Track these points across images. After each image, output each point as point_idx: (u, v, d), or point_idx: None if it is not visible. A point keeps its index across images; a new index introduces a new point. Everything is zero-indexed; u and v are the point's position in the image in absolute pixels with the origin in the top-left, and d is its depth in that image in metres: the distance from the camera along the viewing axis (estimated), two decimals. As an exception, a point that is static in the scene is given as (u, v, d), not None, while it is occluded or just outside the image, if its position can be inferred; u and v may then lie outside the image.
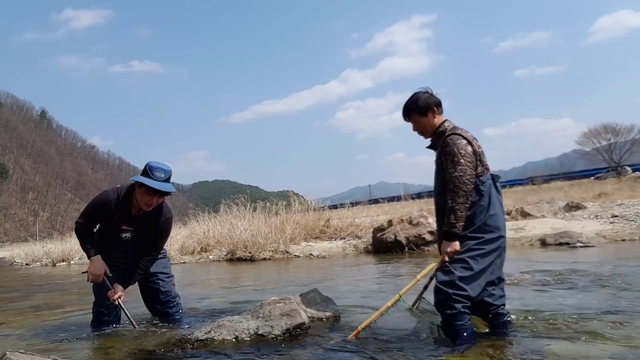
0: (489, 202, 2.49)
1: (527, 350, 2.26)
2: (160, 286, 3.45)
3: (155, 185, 2.98)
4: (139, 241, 3.28)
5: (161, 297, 3.46)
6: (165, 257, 3.60)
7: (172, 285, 3.55)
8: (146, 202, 3.06)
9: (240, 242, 9.45)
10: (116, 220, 3.17)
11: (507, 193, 20.79)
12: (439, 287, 2.44)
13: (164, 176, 3.04)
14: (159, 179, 3.01)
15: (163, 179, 3.03)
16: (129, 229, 3.22)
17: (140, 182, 3.01)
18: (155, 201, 3.08)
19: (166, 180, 3.05)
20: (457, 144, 2.47)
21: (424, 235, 8.22)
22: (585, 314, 2.90)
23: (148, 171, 3.02)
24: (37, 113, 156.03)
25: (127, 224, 3.21)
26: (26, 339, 3.27)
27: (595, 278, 4.18)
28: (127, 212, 3.17)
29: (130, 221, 3.20)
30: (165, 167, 3.07)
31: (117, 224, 3.18)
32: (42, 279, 9.83)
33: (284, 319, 2.79)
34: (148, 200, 3.05)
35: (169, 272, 3.55)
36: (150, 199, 3.04)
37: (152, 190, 3.00)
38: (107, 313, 3.28)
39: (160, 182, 3.01)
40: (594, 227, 8.42)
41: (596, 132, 38.50)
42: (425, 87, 2.71)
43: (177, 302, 3.57)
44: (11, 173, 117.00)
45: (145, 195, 3.04)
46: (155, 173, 3.02)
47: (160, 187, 3.00)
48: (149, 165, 3.04)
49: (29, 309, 4.95)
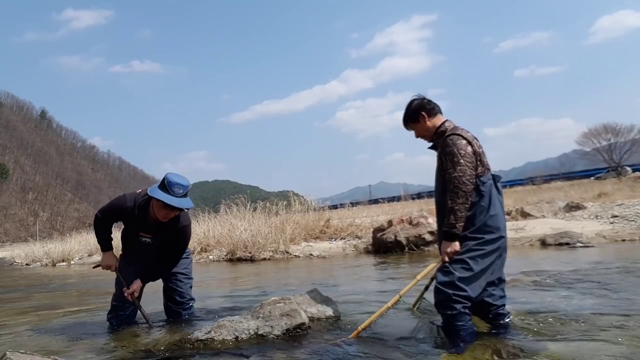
0: (489, 203, 2.49)
1: (527, 351, 2.26)
2: (178, 287, 3.50)
3: (173, 202, 2.98)
4: (159, 245, 3.31)
5: (177, 298, 3.51)
6: (189, 257, 3.63)
7: (190, 287, 3.59)
8: (163, 216, 3.09)
9: (240, 242, 9.45)
10: (134, 226, 3.23)
11: (507, 193, 20.78)
12: (439, 288, 2.44)
13: (182, 192, 3.03)
14: (177, 194, 3.00)
15: (181, 195, 3.02)
16: (148, 235, 3.26)
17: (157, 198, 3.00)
18: (172, 214, 3.10)
19: (184, 195, 3.05)
20: (457, 144, 2.47)
21: (424, 235, 8.22)
22: (585, 314, 2.90)
23: (167, 186, 3.00)
24: (37, 113, 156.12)
25: (145, 232, 3.24)
26: (26, 339, 3.27)
27: (595, 278, 4.18)
28: (144, 221, 3.19)
29: (148, 229, 3.23)
30: (184, 182, 3.04)
31: (135, 230, 3.24)
32: (42, 279, 9.83)
33: (284, 319, 2.79)
34: (165, 214, 3.08)
35: (188, 273, 3.59)
36: (167, 213, 3.07)
37: (170, 207, 3.02)
38: (122, 307, 3.34)
39: (178, 198, 3.00)
40: (594, 227, 8.42)
41: (596, 132, 38.52)
42: (419, 94, 2.75)
43: (191, 305, 3.61)
44: (11, 173, 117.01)
45: (162, 210, 3.05)
46: (174, 189, 3.00)
47: (177, 204, 3.00)
48: (167, 180, 3.01)
49: (29, 309, 4.95)
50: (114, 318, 3.38)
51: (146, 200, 3.17)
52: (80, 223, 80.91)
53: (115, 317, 3.37)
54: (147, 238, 3.27)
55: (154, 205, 3.09)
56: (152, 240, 3.28)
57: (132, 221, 3.22)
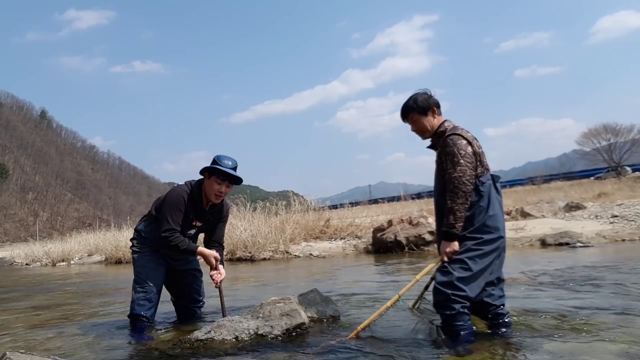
0: (489, 203, 2.49)
1: (527, 350, 2.27)
2: (195, 284, 3.46)
3: (227, 170, 3.04)
4: (197, 236, 3.36)
5: (195, 296, 3.47)
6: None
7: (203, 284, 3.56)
8: (216, 192, 3.10)
9: (240, 242, 9.45)
10: (189, 217, 3.17)
11: (507, 193, 20.79)
12: (438, 288, 2.44)
13: (231, 164, 3.10)
14: (227, 167, 3.06)
15: (231, 167, 3.09)
16: (198, 225, 3.25)
17: (211, 168, 3.06)
18: (224, 190, 3.12)
19: (234, 169, 3.11)
20: (458, 145, 2.47)
21: (424, 235, 8.22)
22: (585, 314, 2.90)
23: (217, 160, 3.08)
24: (37, 113, 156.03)
25: (199, 219, 3.23)
26: (26, 339, 3.27)
27: (595, 278, 4.18)
28: (199, 207, 3.19)
29: (201, 216, 3.23)
30: (233, 158, 3.14)
31: (189, 221, 3.18)
32: (42, 279, 9.83)
33: (284, 319, 2.79)
34: (218, 189, 3.09)
35: (201, 270, 3.54)
36: (220, 187, 3.08)
37: (224, 175, 3.05)
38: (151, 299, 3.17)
39: (230, 169, 3.08)
40: (594, 227, 8.42)
41: (596, 132, 38.49)
42: (424, 89, 2.71)
43: (204, 302, 3.57)
44: (11, 173, 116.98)
45: (215, 184, 3.07)
46: (224, 161, 3.08)
47: (232, 172, 3.07)
48: (217, 156, 3.11)
49: (29, 309, 4.95)
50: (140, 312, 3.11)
51: (197, 185, 3.18)
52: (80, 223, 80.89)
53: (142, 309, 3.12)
54: (192, 230, 3.24)
55: (207, 184, 3.12)
56: (195, 232, 3.29)
57: (189, 211, 3.14)
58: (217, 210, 3.30)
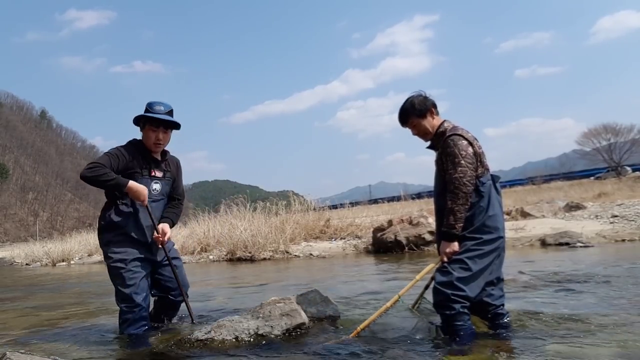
0: (488, 203, 2.49)
1: (527, 351, 2.27)
2: (177, 273, 3.15)
3: (159, 115, 2.90)
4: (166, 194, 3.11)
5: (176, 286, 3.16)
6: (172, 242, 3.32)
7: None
8: (154, 141, 2.94)
9: (240, 242, 9.45)
10: (145, 167, 2.95)
11: (507, 193, 20.79)
12: (438, 288, 2.45)
13: (164, 109, 2.95)
14: (159, 112, 2.93)
15: (165, 112, 2.95)
16: (159, 177, 3.04)
17: (143, 117, 2.92)
18: (161, 137, 2.96)
19: (168, 113, 2.96)
20: (458, 145, 2.47)
21: (424, 235, 8.22)
22: (585, 314, 2.90)
23: (148, 108, 2.94)
24: (37, 113, 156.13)
25: (157, 169, 3.03)
26: (26, 339, 3.27)
27: (595, 278, 4.18)
28: (150, 157, 3.01)
29: (157, 165, 3.04)
30: (164, 102, 2.98)
31: (148, 172, 2.96)
32: (42, 279, 9.83)
33: (284, 319, 2.79)
34: (155, 136, 2.93)
35: (180, 258, 3.38)
36: (156, 134, 2.93)
37: (157, 121, 2.91)
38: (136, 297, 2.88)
39: (163, 114, 2.94)
40: (594, 227, 8.42)
41: (596, 132, 38.50)
42: (419, 91, 2.70)
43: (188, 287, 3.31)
44: (11, 173, 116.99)
45: (150, 133, 2.93)
46: (156, 107, 2.93)
47: (164, 116, 2.92)
48: (148, 103, 2.96)
49: (29, 309, 4.95)
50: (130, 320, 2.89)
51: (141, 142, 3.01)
52: (80, 223, 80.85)
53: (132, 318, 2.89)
54: (156, 184, 3.01)
55: (144, 137, 2.97)
56: (161, 189, 3.05)
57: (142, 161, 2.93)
58: (174, 163, 3.19)
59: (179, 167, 3.27)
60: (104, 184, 2.75)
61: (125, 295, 2.90)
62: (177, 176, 3.21)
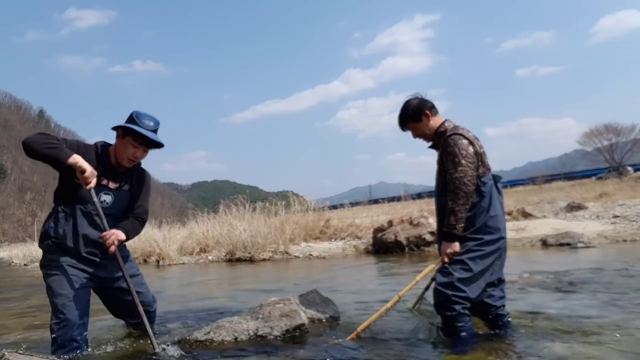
0: (490, 203, 2.47)
1: (527, 351, 2.25)
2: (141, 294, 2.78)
3: (147, 133, 2.53)
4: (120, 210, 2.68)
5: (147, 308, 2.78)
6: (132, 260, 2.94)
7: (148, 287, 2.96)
8: (130, 156, 2.57)
9: (240, 243, 9.43)
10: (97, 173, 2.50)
11: (508, 193, 20.76)
12: (438, 289, 2.43)
13: (153, 125, 2.60)
14: (147, 127, 2.56)
15: (152, 129, 2.59)
16: (112, 188, 2.62)
17: (126, 127, 2.53)
18: (139, 155, 2.61)
19: (154, 131, 2.61)
20: (459, 145, 2.46)
21: (424, 235, 8.20)
22: (586, 314, 2.89)
23: (135, 118, 2.56)
24: (35, 113, 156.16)
25: (111, 179, 2.61)
26: (25, 339, 3.26)
27: (596, 279, 4.17)
28: (108, 164, 2.62)
29: (112, 175, 2.63)
30: (154, 117, 2.64)
31: (97, 179, 2.49)
32: (40, 279, 9.80)
33: (283, 319, 2.77)
34: (133, 153, 2.57)
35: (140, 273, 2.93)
36: (135, 151, 2.57)
37: (142, 138, 2.54)
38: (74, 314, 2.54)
39: (150, 131, 2.57)
40: (596, 228, 8.41)
41: (597, 132, 38.49)
42: (415, 93, 2.72)
43: (155, 308, 2.99)
44: (9, 173, 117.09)
45: (129, 147, 2.55)
46: (144, 121, 2.57)
47: (152, 135, 2.56)
48: (135, 113, 2.58)
49: (27, 309, 4.94)
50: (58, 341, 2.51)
51: (104, 146, 2.65)
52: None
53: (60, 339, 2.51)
54: (107, 196, 2.60)
55: (119, 144, 2.59)
56: (113, 201, 2.62)
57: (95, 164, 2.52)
58: (138, 176, 2.74)
59: (145, 182, 2.79)
60: (44, 151, 2.39)
61: (55, 308, 2.56)
62: (139, 191, 2.75)
